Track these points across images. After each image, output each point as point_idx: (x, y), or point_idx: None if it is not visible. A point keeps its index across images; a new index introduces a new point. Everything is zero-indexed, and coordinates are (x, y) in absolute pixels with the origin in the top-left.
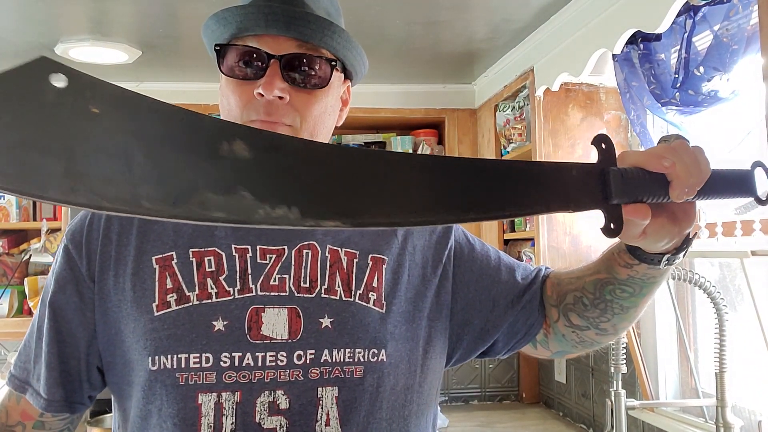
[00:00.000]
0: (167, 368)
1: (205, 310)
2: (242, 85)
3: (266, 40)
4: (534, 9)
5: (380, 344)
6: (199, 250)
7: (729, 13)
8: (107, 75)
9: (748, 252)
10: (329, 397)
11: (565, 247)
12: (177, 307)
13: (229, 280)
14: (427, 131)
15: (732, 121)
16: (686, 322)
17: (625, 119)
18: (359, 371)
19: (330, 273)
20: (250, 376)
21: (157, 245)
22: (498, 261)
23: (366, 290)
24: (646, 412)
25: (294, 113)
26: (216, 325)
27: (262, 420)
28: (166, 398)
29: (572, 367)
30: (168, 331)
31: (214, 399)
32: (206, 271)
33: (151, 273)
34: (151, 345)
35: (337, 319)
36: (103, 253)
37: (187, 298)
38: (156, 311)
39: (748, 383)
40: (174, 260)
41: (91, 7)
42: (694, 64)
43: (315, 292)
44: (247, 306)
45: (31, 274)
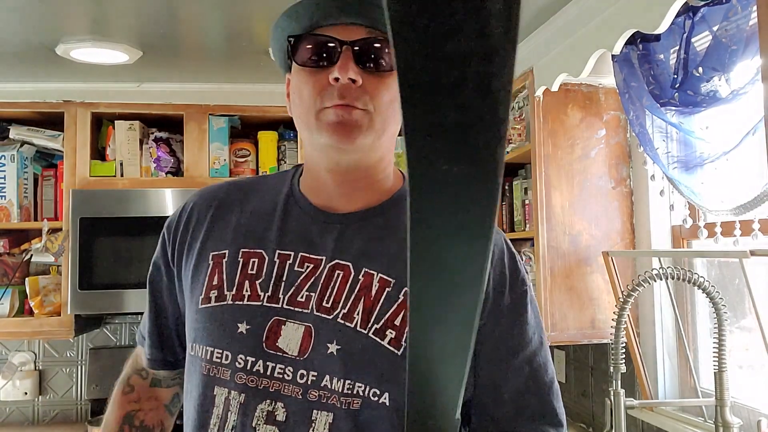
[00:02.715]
0: (199, 357)
1: (235, 312)
2: (317, 74)
3: (337, 29)
4: (534, 9)
5: (384, 386)
6: (249, 250)
7: (728, 14)
8: (108, 75)
9: (748, 252)
10: (323, 421)
11: (565, 246)
12: (215, 304)
13: (264, 284)
14: None
15: (731, 122)
16: (685, 322)
17: (624, 119)
18: (356, 404)
19: (355, 297)
20: (257, 382)
21: (218, 241)
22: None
23: (385, 325)
24: (646, 411)
25: (366, 96)
26: (240, 327)
27: (258, 425)
28: (195, 382)
29: (571, 366)
30: (203, 324)
31: (225, 394)
32: (247, 272)
33: (206, 267)
34: (191, 333)
35: (344, 348)
36: (182, 243)
37: (224, 297)
38: (200, 304)
39: (747, 383)
40: (225, 258)
41: (91, 7)
42: (693, 65)
43: (333, 314)
44: (271, 316)
45: (32, 274)
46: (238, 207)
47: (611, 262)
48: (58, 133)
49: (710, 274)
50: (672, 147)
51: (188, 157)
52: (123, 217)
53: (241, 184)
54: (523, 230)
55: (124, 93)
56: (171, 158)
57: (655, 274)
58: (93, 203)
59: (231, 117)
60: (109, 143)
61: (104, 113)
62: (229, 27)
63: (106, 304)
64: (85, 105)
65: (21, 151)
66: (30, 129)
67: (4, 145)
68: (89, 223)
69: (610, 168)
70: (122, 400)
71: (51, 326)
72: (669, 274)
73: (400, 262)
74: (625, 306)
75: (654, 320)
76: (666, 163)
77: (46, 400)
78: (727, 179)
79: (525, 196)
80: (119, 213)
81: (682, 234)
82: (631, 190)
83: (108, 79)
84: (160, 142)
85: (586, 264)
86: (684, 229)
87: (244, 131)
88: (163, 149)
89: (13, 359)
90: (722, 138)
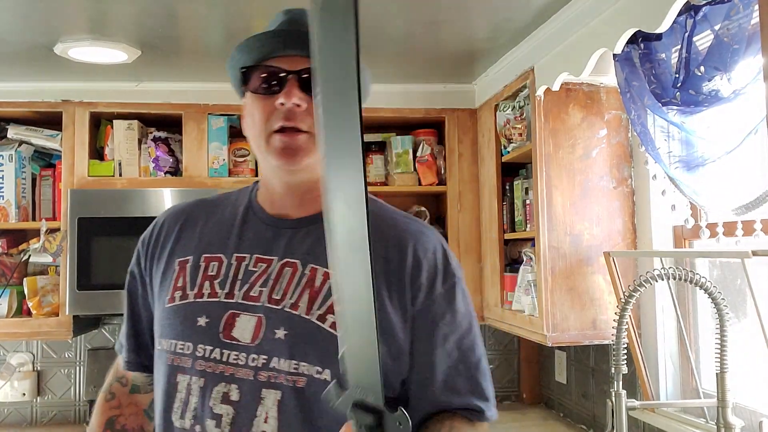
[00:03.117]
0: (165, 349)
1: (196, 307)
2: (266, 99)
3: (283, 60)
4: (534, 9)
5: (326, 364)
6: (210, 255)
7: (730, 13)
8: (107, 75)
9: (749, 252)
10: (271, 399)
11: (566, 247)
12: (178, 302)
13: (222, 283)
14: (427, 131)
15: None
16: (687, 323)
17: (625, 119)
18: (302, 382)
19: (301, 290)
20: (214, 368)
21: (183, 249)
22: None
23: (326, 311)
24: (647, 412)
25: (310, 119)
26: (200, 321)
27: (214, 405)
28: (162, 372)
29: (573, 367)
30: (169, 320)
31: (187, 380)
32: (208, 274)
33: (172, 272)
34: (158, 329)
35: (291, 333)
36: (153, 254)
37: (187, 295)
38: (166, 303)
39: (749, 383)
40: (189, 263)
41: (90, 7)
42: (694, 64)
43: (281, 304)
44: (227, 309)
45: (30, 274)
46: (203, 220)
47: (612, 263)
48: (56, 133)
49: (712, 274)
50: (674, 146)
51: (187, 157)
52: (122, 217)
53: (206, 201)
54: (524, 230)
55: (122, 92)
56: (170, 158)
57: (657, 275)
58: (91, 203)
59: (230, 116)
60: (107, 143)
61: (103, 113)
62: (228, 26)
63: (104, 305)
64: (84, 104)
65: (19, 150)
66: (28, 128)
67: (2, 144)
68: (87, 223)
69: (611, 168)
70: (104, 406)
71: (49, 327)
72: (671, 274)
73: None
74: (627, 306)
75: (655, 321)
76: (667, 162)
77: (44, 401)
78: (728, 179)
79: (526, 196)
80: (118, 213)
81: (684, 234)
82: (633, 189)
83: (106, 79)
84: (158, 142)
85: (588, 264)
86: (686, 229)
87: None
88: (161, 149)
89: (11, 360)
90: (724, 137)
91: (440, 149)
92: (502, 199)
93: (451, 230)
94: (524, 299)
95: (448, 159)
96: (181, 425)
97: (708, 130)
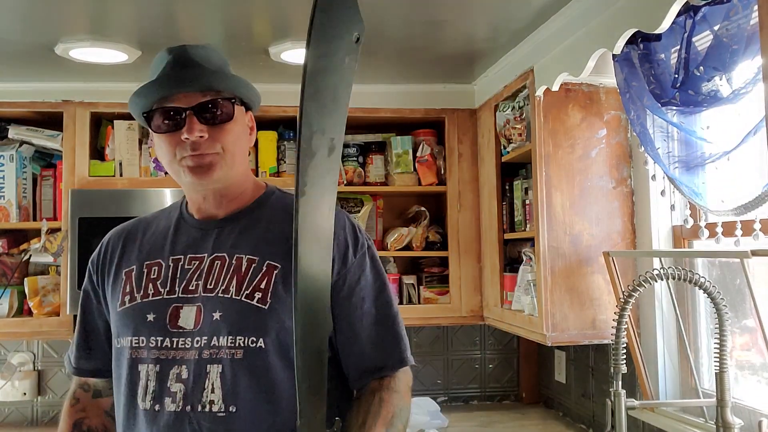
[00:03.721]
0: (123, 346)
1: (143, 306)
2: (171, 136)
3: (179, 98)
4: (534, 9)
5: (259, 334)
6: (150, 262)
7: (729, 13)
8: (107, 75)
9: (749, 252)
10: (215, 372)
11: (566, 246)
12: (128, 305)
13: (162, 283)
14: (426, 131)
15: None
16: (686, 322)
17: (625, 119)
18: (240, 353)
19: (230, 276)
20: (167, 355)
21: (127, 261)
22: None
23: (253, 290)
24: (647, 411)
25: (216, 144)
26: (149, 317)
27: (171, 385)
28: (122, 367)
29: (572, 366)
30: (123, 321)
31: (146, 369)
32: (150, 277)
33: (121, 281)
34: (115, 330)
35: (225, 314)
36: (102, 270)
37: (135, 298)
38: (118, 308)
39: (748, 383)
40: (134, 272)
41: (91, 7)
42: (694, 64)
43: (215, 292)
44: (170, 304)
45: (31, 274)
46: (141, 234)
47: (612, 263)
48: (57, 133)
49: (711, 274)
50: (673, 147)
51: None
52: (122, 217)
53: (144, 219)
54: (524, 230)
55: (123, 92)
56: None
57: (656, 275)
58: (92, 203)
59: None
60: (108, 143)
61: (103, 113)
62: (228, 27)
63: None
64: (84, 105)
65: (20, 150)
66: (29, 129)
67: (3, 144)
68: (88, 223)
69: (610, 168)
70: (70, 411)
71: (50, 326)
72: (670, 274)
73: (263, 245)
74: (626, 306)
75: (655, 321)
76: (667, 162)
77: (45, 401)
78: (728, 179)
79: (525, 196)
80: (118, 213)
81: (683, 234)
82: (632, 190)
83: (107, 79)
84: None
85: (587, 264)
86: (685, 229)
87: None
88: None
89: (12, 360)
90: (723, 138)
91: (440, 149)
92: (501, 199)
93: (451, 230)
94: (524, 299)
95: (448, 159)
96: (143, 407)
97: (707, 130)
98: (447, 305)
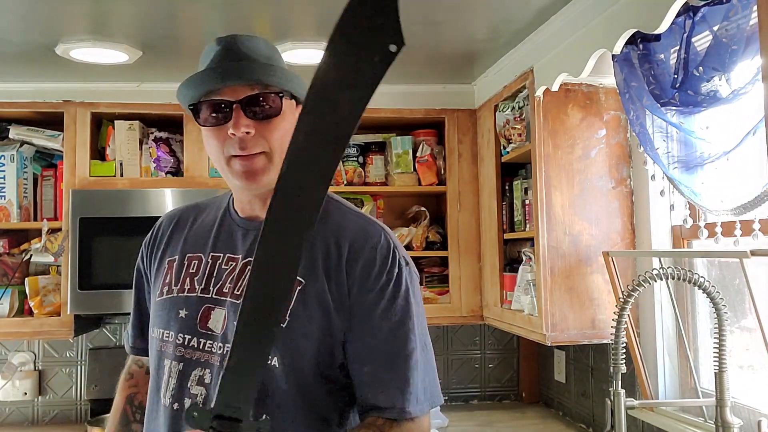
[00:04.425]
0: (155, 337)
1: (178, 301)
2: (217, 130)
3: (226, 91)
4: (534, 9)
5: (274, 352)
6: (192, 255)
7: (728, 14)
8: (108, 75)
9: (748, 252)
10: None
11: (565, 246)
12: (165, 297)
13: (199, 280)
14: (427, 131)
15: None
16: (686, 322)
17: (624, 119)
18: None
19: (236, 283)
20: (192, 355)
21: (172, 250)
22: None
23: None
24: (646, 411)
25: (263, 142)
26: (181, 313)
27: (191, 386)
28: (153, 357)
29: (572, 366)
30: (157, 312)
31: (170, 365)
32: (189, 271)
33: (163, 270)
34: (151, 320)
35: None
36: (151, 253)
37: (172, 291)
38: (157, 297)
39: (747, 383)
40: (176, 262)
41: (91, 7)
42: (693, 65)
43: (241, 299)
44: (203, 303)
45: (31, 274)
46: (191, 223)
47: (611, 262)
48: (57, 133)
49: (710, 274)
50: (672, 147)
51: (188, 157)
52: (123, 217)
53: (197, 205)
54: (524, 230)
55: (123, 93)
56: (171, 158)
57: (656, 274)
58: (93, 203)
59: None
60: (108, 143)
61: (104, 113)
62: (229, 27)
63: (105, 304)
64: (85, 105)
65: (21, 151)
66: (30, 129)
67: (4, 145)
68: (89, 223)
69: (610, 168)
70: (124, 385)
71: (51, 326)
72: (669, 274)
73: None
74: (626, 306)
75: (654, 320)
76: (666, 163)
77: (45, 401)
78: (727, 179)
79: (525, 196)
80: (119, 213)
81: (683, 234)
82: (632, 190)
83: (108, 79)
84: (159, 142)
85: (587, 264)
86: (684, 229)
87: None
88: (162, 149)
89: (12, 359)
90: (723, 138)
91: (440, 149)
92: (501, 199)
93: (450, 230)
94: (523, 299)
95: (448, 159)
96: (164, 402)
97: (706, 130)
98: (447, 305)
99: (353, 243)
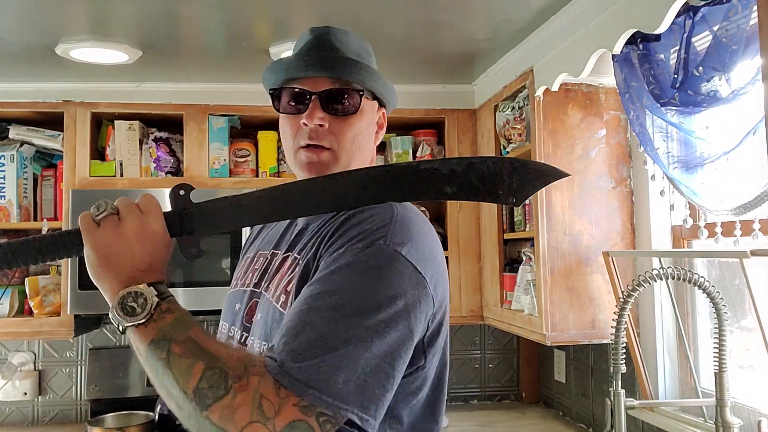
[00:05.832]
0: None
1: (237, 294)
2: (293, 118)
3: (308, 82)
4: (534, 9)
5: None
6: (263, 252)
7: (728, 14)
8: (108, 75)
9: (748, 252)
10: None
11: (565, 246)
12: (232, 289)
13: (257, 274)
14: (427, 131)
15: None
16: (686, 322)
17: (624, 119)
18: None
19: (273, 276)
20: None
21: (254, 246)
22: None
23: (281, 291)
24: (646, 411)
25: (332, 137)
26: (236, 306)
27: None
28: None
29: (572, 366)
30: (225, 303)
31: None
32: (254, 267)
33: (239, 263)
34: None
35: (263, 316)
36: (244, 246)
37: (236, 283)
38: (230, 289)
39: (747, 383)
40: (249, 257)
41: (91, 7)
42: (693, 65)
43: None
44: (253, 297)
45: (31, 274)
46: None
47: (611, 262)
48: (57, 133)
49: (710, 274)
50: (672, 147)
51: (188, 157)
52: None
53: None
54: (524, 230)
55: (123, 93)
56: (171, 158)
57: (656, 274)
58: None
59: (231, 117)
60: (108, 143)
61: (104, 113)
62: (229, 27)
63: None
64: (85, 105)
65: (20, 151)
66: (29, 129)
67: (4, 144)
68: None
69: (610, 168)
70: None
71: (51, 326)
72: (669, 274)
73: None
74: (626, 306)
75: (654, 320)
76: (666, 163)
77: (45, 401)
78: (727, 179)
79: None
80: None
81: (683, 234)
82: (632, 190)
83: (108, 79)
84: (159, 142)
85: (587, 264)
86: (684, 229)
87: (243, 131)
88: (162, 149)
89: (12, 359)
90: (723, 138)
91: (440, 150)
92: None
93: (450, 230)
94: (523, 299)
95: None
96: None
97: (706, 130)
98: None
99: (353, 214)
